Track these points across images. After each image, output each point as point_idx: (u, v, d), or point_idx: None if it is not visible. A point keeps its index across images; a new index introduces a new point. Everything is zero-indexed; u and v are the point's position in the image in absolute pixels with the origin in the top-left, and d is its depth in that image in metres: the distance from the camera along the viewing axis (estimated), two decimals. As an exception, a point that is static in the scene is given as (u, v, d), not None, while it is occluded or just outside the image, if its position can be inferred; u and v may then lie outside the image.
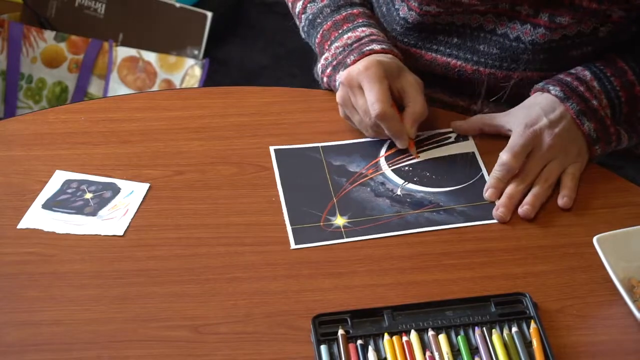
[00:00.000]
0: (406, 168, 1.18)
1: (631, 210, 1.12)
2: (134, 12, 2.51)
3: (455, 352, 0.95)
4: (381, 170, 1.18)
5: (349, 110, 1.20)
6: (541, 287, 1.02)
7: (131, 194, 1.14)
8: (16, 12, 2.53)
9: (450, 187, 1.15)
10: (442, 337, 0.96)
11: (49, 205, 1.13)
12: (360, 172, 1.17)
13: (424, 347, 0.96)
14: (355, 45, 1.23)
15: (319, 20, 1.30)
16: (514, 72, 1.24)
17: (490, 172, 1.16)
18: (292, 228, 1.10)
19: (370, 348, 0.96)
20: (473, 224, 1.11)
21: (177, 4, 2.50)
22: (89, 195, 1.14)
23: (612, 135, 1.17)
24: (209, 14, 2.49)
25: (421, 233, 1.10)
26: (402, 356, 0.95)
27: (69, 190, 1.14)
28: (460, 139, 1.22)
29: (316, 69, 1.33)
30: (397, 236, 1.09)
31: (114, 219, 1.11)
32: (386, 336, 0.96)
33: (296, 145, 1.21)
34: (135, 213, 1.12)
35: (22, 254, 1.07)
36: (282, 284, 1.03)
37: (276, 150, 1.20)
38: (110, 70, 2.46)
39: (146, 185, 1.15)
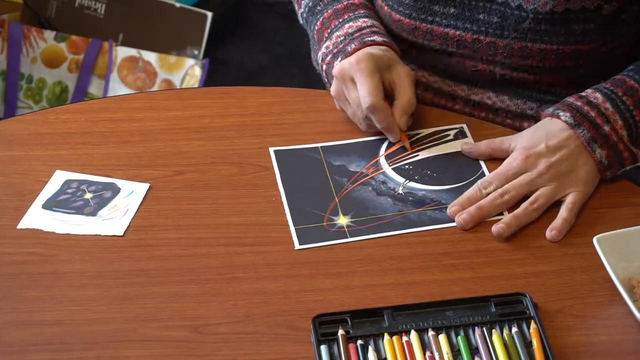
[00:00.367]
0: (407, 166, 1.18)
1: (631, 210, 1.12)
2: (134, 12, 2.51)
3: (455, 352, 0.95)
4: (382, 169, 1.18)
5: (342, 103, 1.21)
6: (541, 287, 1.02)
7: (131, 194, 1.14)
8: (16, 12, 2.53)
9: (452, 184, 1.15)
10: (442, 337, 0.96)
11: (49, 205, 1.13)
12: (360, 171, 1.17)
13: (424, 347, 0.96)
14: (357, 34, 1.23)
15: (319, 8, 1.30)
16: (515, 42, 1.23)
17: (490, 169, 1.16)
18: (295, 229, 1.10)
19: (370, 348, 0.96)
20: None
21: (177, 4, 2.50)
22: (89, 195, 1.14)
23: (626, 160, 1.15)
24: (209, 14, 2.49)
25: (421, 232, 1.10)
26: (402, 356, 0.95)
27: (69, 190, 1.14)
28: (459, 136, 1.22)
29: (315, 57, 1.33)
30: (398, 236, 1.09)
31: (114, 219, 1.11)
32: (386, 336, 0.96)
33: (296, 146, 1.21)
34: (135, 213, 1.12)
35: (22, 254, 1.07)
36: (282, 284, 1.03)
37: (276, 151, 1.20)
38: (110, 70, 2.46)
39: (146, 185, 1.15)
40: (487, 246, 1.08)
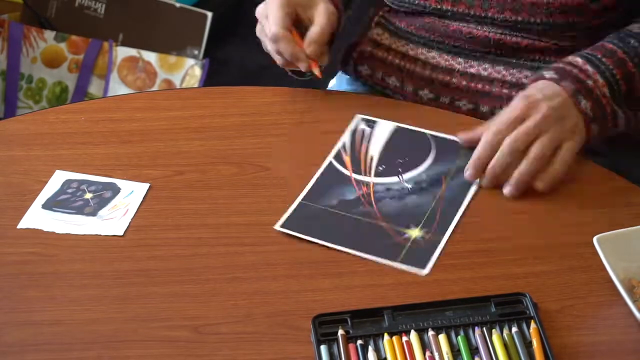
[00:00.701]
0: (380, 168, 1.17)
1: (631, 210, 1.12)
2: (134, 12, 2.51)
3: (455, 352, 0.95)
4: (371, 182, 1.15)
5: (262, 40, 1.26)
6: (541, 287, 1.02)
7: (131, 194, 1.14)
8: (16, 12, 2.53)
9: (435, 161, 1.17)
10: (442, 337, 0.96)
11: (49, 205, 1.13)
12: (358, 196, 1.14)
13: (424, 347, 0.96)
14: None
15: None
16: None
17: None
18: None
19: (370, 348, 0.96)
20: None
21: (177, 4, 2.50)
22: (89, 195, 1.14)
23: (609, 115, 1.17)
24: (209, 14, 2.49)
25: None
26: (402, 356, 0.95)
27: (69, 190, 1.15)
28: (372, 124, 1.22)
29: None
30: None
31: (114, 219, 1.11)
32: (386, 336, 0.96)
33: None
34: (135, 213, 1.12)
35: (22, 254, 1.07)
36: (282, 284, 1.03)
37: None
38: (110, 70, 2.46)
39: (146, 185, 1.15)
40: (487, 246, 1.08)
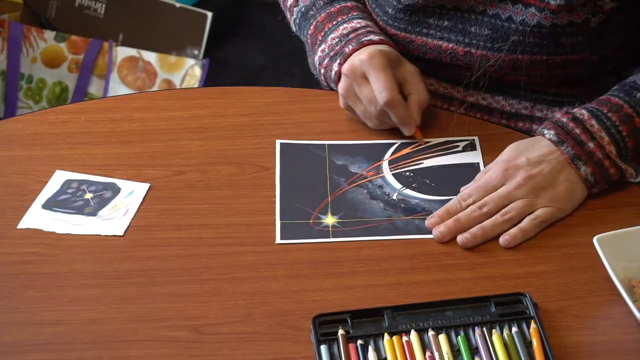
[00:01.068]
0: (407, 173, 1.17)
1: (631, 210, 1.12)
2: (134, 12, 2.51)
3: (455, 352, 0.95)
4: (382, 173, 1.17)
5: (352, 101, 1.21)
6: (541, 287, 1.02)
7: (131, 194, 1.14)
8: (16, 12, 2.53)
9: (447, 196, 1.14)
10: (442, 337, 0.96)
11: (49, 205, 1.13)
12: (360, 173, 1.17)
13: (424, 347, 0.96)
14: (352, 35, 1.23)
15: (312, 12, 1.30)
16: (506, 55, 1.23)
17: None
18: (280, 223, 1.10)
19: (370, 348, 0.96)
20: None
21: (177, 4, 2.50)
22: (89, 195, 1.14)
23: (613, 176, 1.13)
24: (209, 14, 2.49)
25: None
26: (402, 356, 0.95)
27: (69, 190, 1.14)
28: (468, 148, 1.20)
29: (312, 62, 1.33)
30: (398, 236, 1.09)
31: (114, 219, 1.11)
32: (386, 336, 0.96)
33: (303, 141, 1.21)
34: (136, 213, 1.12)
35: (22, 254, 1.07)
36: (282, 284, 1.03)
37: (282, 144, 1.20)
38: (110, 70, 2.46)
39: (146, 185, 1.15)
40: (487, 246, 1.08)
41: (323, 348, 0.95)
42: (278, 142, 1.21)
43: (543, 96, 1.27)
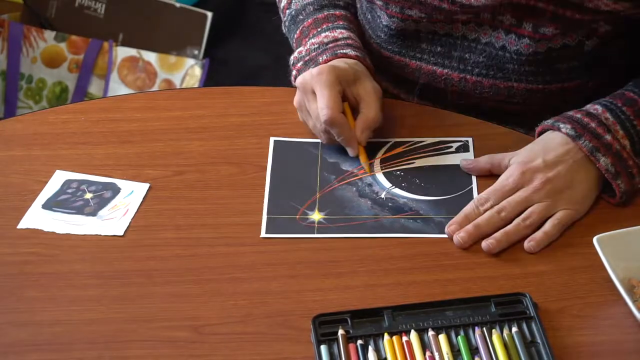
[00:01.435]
0: (398, 172, 1.17)
1: (631, 210, 1.12)
2: (134, 12, 2.51)
3: (455, 352, 0.95)
4: (372, 171, 1.17)
5: (304, 114, 1.20)
6: (541, 287, 1.02)
7: (131, 194, 1.14)
8: (16, 12, 2.53)
9: (436, 196, 1.13)
10: (442, 337, 0.96)
11: (49, 205, 1.13)
12: (351, 171, 1.17)
13: (424, 347, 0.96)
14: (331, 45, 1.23)
15: (300, 17, 1.30)
16: (500, 82, 1.23)
17: (480, 185, 1.14)
18: (267, 217, 1.10)
19: (371, 348, 0.96)
20: (446, 236, 1.08)
21: (177, 4, 2.50)
22: (89, 195, 1.14)
23: (632, 168, 1.10)
24: (209, 14, 2.49)
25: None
26: (402, 356, 0.95)
27: (69, 190, 1.15)
28: (461, 149, 1.20)
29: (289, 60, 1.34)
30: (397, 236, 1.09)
31: (114, 219, 1.11)
32: (386, 336, 0.96)
33: (297, 138, 1.21)
34: (135, 213, 1.12)
35: (22, 254, 1.07)
36: (282, 284, 1.03)
37: (276, 141, 1.20)
38: (110, 70, 2.46)
39: (146, 185, 1.15)
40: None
41: (323, 348, 0.95)
42: (272, 139, 1.21)
43: (539, 123, 1.26)
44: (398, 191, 1.14)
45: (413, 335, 0.96)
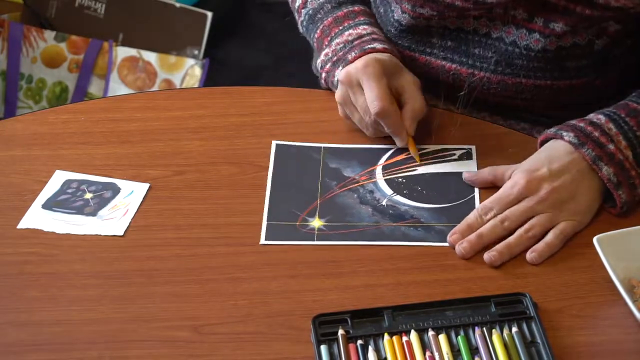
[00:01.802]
0: (399, 179, 1.16)
1: (631, 210, 1.12)
2: (134, 12, 2.51)
3: (455, 352, 0.95)
4: (374, 178, 1.17)
5: (348, 108, 1.20)
6: (541, 287, 1.02)
7: (131, 194, 1.14)
8: (16, 12, 2.53)
9: (437, 204, 1.13)
10: (442, 337, 0.96)
11: (49, 205, 1.13)
12: (353, 177, 1.17)
13: (424, 347, 0.96)
14: (357, 42, 1.23)
15: (319, 16, 1.30)
16: (509, 77, 1.23)
17: (482, 194, 1.13)
18: (267, 224, 1.10)
19: (371, 348, 0.96)
20: (447, 244, 1.08)
21: (177, 4, 2.50)
22: (89, 195, 1.14)
23: (635, 179, 1.09)
24: (209, 14, 2.49)
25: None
26: (402, 356, 0.95)
27: (69, 190, 1.14)
28: (464, 157, 1.19)
29: (315, 64, 1.33)
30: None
31: (114, 219, 1.11)
32: (386, 336, 0.96)
33: (299, 142, 1.21)
34: (135, 213, 1.12)
35: (22, 254, 1.07)
36: (282, 284, 1.03)
37: (277, 145, 1.20)
38: (110, 70, 2.46)
39: (146, 185, 1.15)
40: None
41: (323, 348, 0.95)
42: (274, 142, 1.20)
43: (543, 119, 1.26)
44: (399, 198, 1.14)
45: (413, 335, 0.96)
